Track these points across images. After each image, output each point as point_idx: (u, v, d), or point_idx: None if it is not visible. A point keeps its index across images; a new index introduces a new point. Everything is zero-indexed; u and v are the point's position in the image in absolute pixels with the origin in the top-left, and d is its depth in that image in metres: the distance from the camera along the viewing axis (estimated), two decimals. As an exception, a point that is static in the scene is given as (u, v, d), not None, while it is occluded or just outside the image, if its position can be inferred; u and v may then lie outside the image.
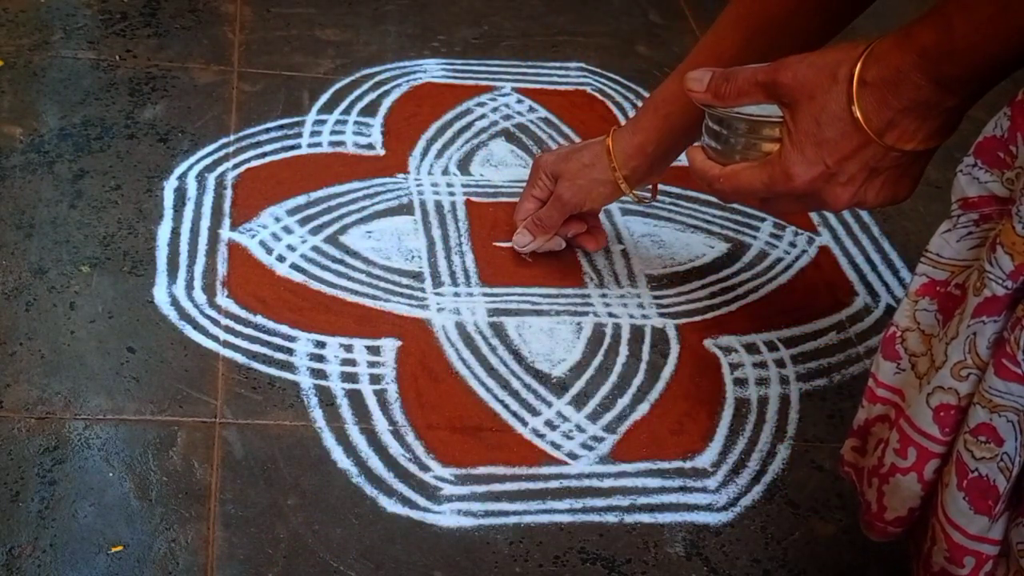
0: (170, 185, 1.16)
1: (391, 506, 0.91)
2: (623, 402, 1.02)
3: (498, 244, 1.14)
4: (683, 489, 0.96)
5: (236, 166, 1.20)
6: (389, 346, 1.04)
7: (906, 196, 0.74)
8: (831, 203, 0.73)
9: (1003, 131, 0.62)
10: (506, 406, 1.00)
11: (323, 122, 1.28)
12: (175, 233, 1.11)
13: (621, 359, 1.06)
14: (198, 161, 1.20)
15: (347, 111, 1.30)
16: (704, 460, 0.99)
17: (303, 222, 1.14)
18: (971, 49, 0.62)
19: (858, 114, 0.66)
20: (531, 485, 0.94)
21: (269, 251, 1.11)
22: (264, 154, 1.22)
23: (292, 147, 1.24)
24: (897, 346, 0.69)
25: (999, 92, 0.69)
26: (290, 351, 1.01)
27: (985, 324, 0.62)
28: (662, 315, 1.11)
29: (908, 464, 0.67)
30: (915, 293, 0.68)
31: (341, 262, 1.11)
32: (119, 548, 0.84)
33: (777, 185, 0.72)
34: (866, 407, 0.72)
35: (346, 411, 0.98)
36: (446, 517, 0.91)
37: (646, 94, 1.38)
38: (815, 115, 0.68)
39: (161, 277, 1.06)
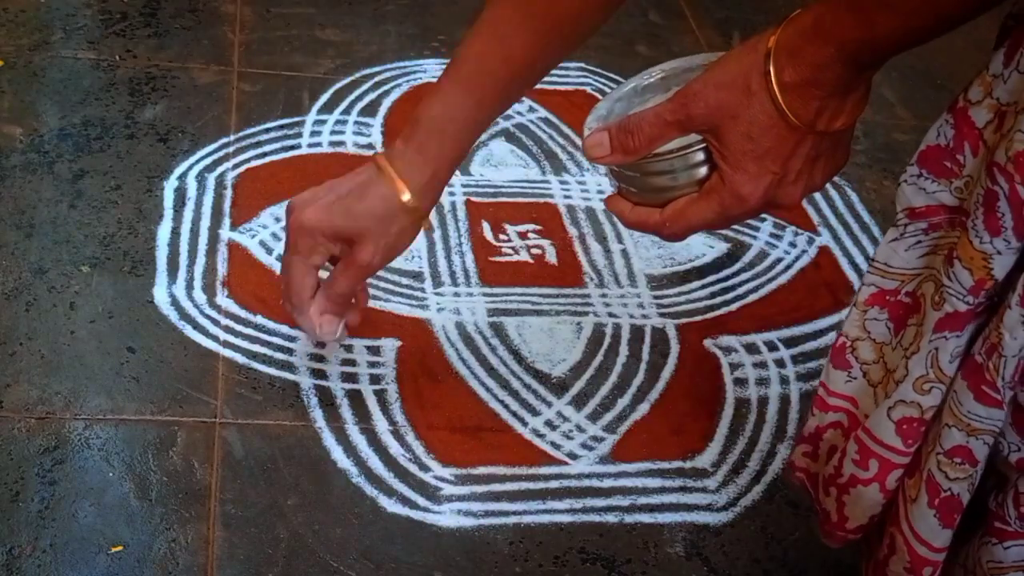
0: (170, 185, 1.16)
1: (391, 506, 0.91)
2: (623, 402, 1.02)
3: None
4: (683, 489, 0.96)
5: (236, 166, 1.20)
6: (389, 346, 1.04)
7: (845, 162, 0.73)
8: (787, 203, 0.71)
9: (948, 140, 0.62)
10: (506, 406, 1.00)
11: (323, 122, 1.28)
12: (175, 233, 1.11)
13: (621, 359, 1.06)
14: (198, 161, 1.20)
15: (347, 111, 1.30)
16: (704, 460, 0.99)
17: (303, 222, 1.14)
18: (894, 39, 0.61)
19: (789, 115, 0.65)
20: (531, 485, 0.94)
21: (269, 251, 1.10)
22: (264, 154, 1.22)
23: (292, 147, 1.24)
24: (848, 355, 0.69)
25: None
26: (290, 351, 1.01)
27: (947, 340, 0.61)
28: (662, 315, 1.11)
29: (870, 475, 0.67)
30: (863, 303, 0.67)
31: (341, 262, 1.11)
32: (119, 548, 0.84)
33: (732, 210, 0.70)
34: (817, 415, 0.72)
35: (346, 411, 0.98)
36: (446, 517, 0.91)
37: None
38: (745, 132, 0.66)
39: (161, 277, 1.06)
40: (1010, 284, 0.59)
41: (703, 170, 0.69)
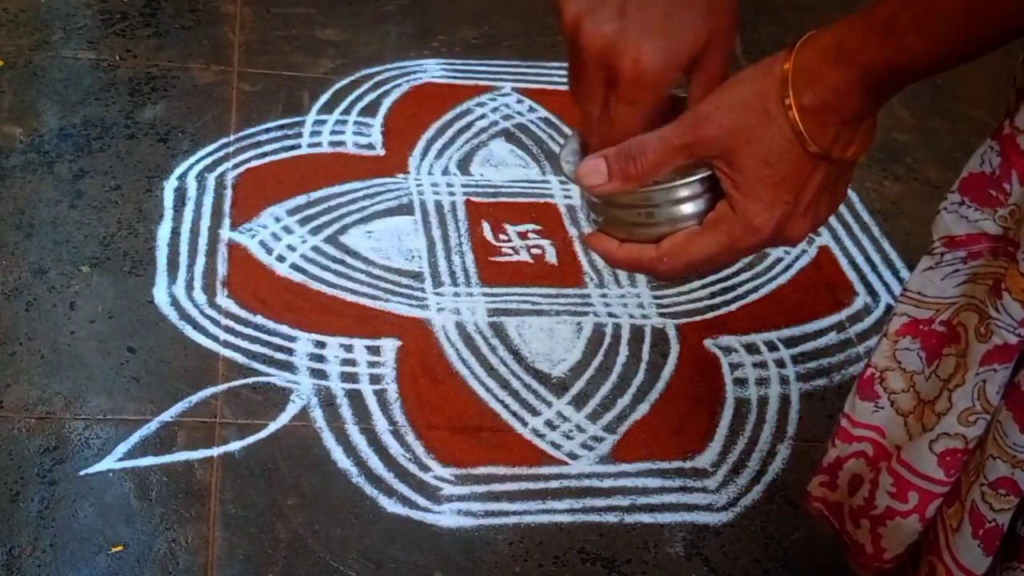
0: (170, 185, 1.16)
1: (391, 506, 0.91)
2: (623, 402, 1.02)
3: None
4: (683, 489, 0.96)
5: (236, 166, 1.20)
6: (389, 346, 1.04)
7: (843, 199, 0.72)
8: (794, 238, 0.67)
9: (993, 168, 0.61)
10: (506, 406, 1.00)
11: (323, 122, 1.28)
12: (175, 233, 1.11)
13: (621, 359, 1.06)
14: (198, 161, 1.20)
15: (347, 111, 1.30)
16: (704, 460, 0.99)
17: (303, 222, 1.14)
18: (923, 63, 0.59)
19: (808, 141, 0.63)
20: (531, 485, 0.94)
21: (269, 251, 1.10)
22: (264, 154, 1.22)
23: (292, 147, 1.24)
24: (876, 386, 0.68)
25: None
26: (290, 351, 1.01)
27: (996, 371, 0.61)
28: (662, 315, 1.11)
29: (909, 507, 0.66)
30: (895, 333, 0.66)
31: (341, 262, 1.11)
32: (119, 548, 0.84)
33: (740, 242, 0.65)
34: (839, 446, 0.71)
35: (346, 411, 0.98)
36: (446, 517, 0.91)
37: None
38: (762, 157, 0.63)
39: (161, 277, 1.06)
40: None
41: (699, 204, 0.65)
